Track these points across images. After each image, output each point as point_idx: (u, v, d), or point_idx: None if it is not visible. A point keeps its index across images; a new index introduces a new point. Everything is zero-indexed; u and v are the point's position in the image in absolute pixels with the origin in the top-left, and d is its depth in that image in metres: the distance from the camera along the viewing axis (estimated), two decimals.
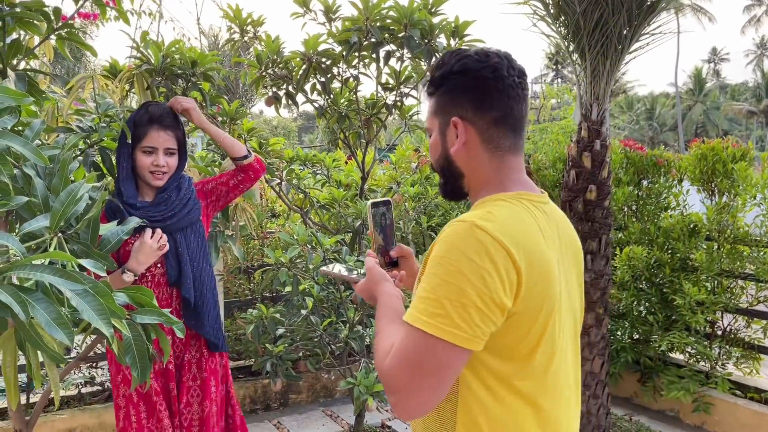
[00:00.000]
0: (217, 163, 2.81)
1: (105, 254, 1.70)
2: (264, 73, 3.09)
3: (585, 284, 3.73)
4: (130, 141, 2.26)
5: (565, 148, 5.43)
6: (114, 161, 2.35)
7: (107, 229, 1.83)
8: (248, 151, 2.45)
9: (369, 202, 1.42)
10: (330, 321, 3.43)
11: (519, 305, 1.07)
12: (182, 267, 2.27)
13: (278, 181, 3.23)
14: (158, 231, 2.19)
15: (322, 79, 3.02)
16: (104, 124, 2.32)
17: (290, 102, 3.13)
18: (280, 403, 4.33)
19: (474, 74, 1.18)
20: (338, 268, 1.59)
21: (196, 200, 2.35)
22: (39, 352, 1.58)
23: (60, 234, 1.58)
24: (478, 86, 1.18)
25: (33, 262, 1.22)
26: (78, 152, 2.37)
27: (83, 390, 3.94)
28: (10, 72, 2.17)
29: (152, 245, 2.15)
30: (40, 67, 2.87)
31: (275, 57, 3.04)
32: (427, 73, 3.14)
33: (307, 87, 3.17)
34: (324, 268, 1.61)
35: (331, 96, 3.08)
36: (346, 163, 4.72)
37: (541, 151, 5.58)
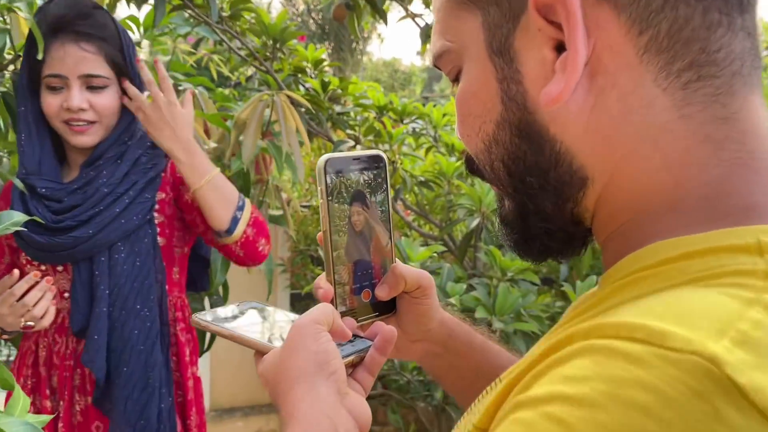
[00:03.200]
0: (231, 116, 1.64)
1: None
2: None
3: None
4: (40, 57, 1.14)
5: None
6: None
7: None
8: (232, 222, 1.24)
9: (323, 159, 0.57)
10: None
11: None
12: (94, 309, 1.19)
13: (351, 143, 2.03)
14: (38, 286, 1.13)
15: None
16: (6, 27, 1.24)
17: (374, 15, 1.90)
18: None
19: None
20: (247, 313, 0.66)
21: (147, 186, 1.23)
22: None
23: None
24: None
25: None
26: None
27: None
28: None
29: (12, 307, 1.09)
30: None
31: None
32: None
33: None
34: (208, 315, 0.64)
35: None
36: None
37: None
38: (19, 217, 0.95)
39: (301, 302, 3.34)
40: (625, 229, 0.40)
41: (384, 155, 0.63)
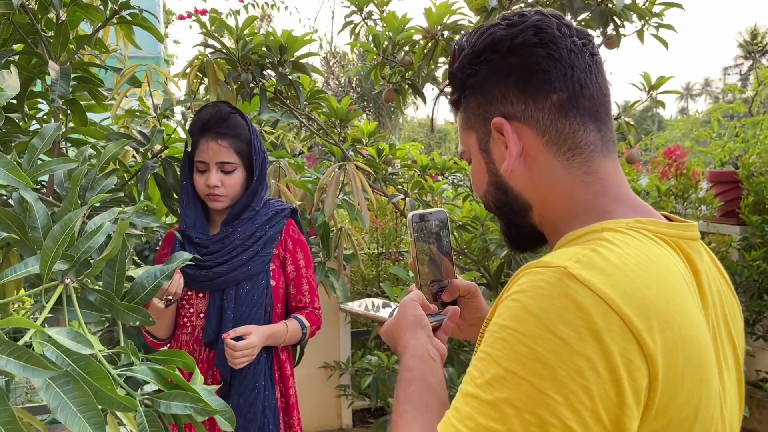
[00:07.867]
0: (313, 179, 2.16)
1: (135, 307, 1.15)
2: (384, 60, 2.41)
3: None
4: (189, 149, 1.71)
5: None
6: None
7: (147, 269, 1.27)
8: (303, 331, 1.79)
9: (411, 215, 0.97)
10: None
11: (654, 422, 0.59)
12: (221, 327, 1.68)
13: (401, 196, 2.53)
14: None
15: None
16: (161, 129, 1.79)
17: (416, 96, 2.42)
18: None
19: (510, 45, 0.76)
20: (368, 304, 1.10)
21: (267, 243, 1.74)
22: None
23: (69, 280, 1.05)
24: (520, 62, 0.75)
25: None
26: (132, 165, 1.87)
27: None
28: (52, 65, 1.68)
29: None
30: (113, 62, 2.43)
31: (398, 38, 2.35)
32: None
33: (440, 73, 2.45)
34: (348, 304, 1.11)
35: None
36: None
37: (754, 151, 4.33)
38: (187, 255, 1.46)
39: (359, 338, 3.77)
40: (556, 229, 0.81)
41: (446, 211, 1.00)
